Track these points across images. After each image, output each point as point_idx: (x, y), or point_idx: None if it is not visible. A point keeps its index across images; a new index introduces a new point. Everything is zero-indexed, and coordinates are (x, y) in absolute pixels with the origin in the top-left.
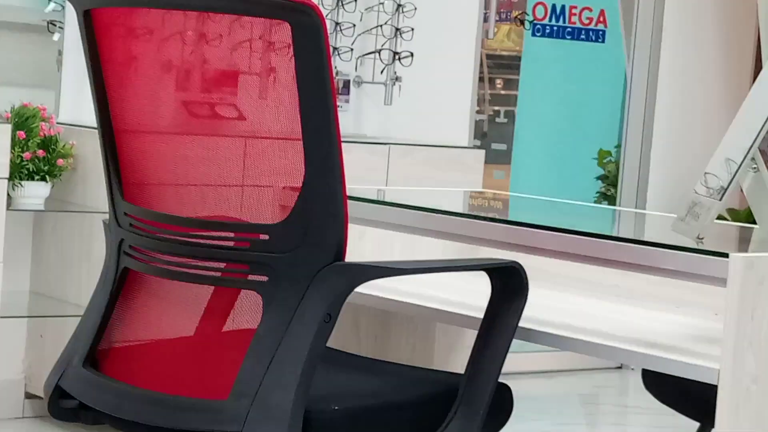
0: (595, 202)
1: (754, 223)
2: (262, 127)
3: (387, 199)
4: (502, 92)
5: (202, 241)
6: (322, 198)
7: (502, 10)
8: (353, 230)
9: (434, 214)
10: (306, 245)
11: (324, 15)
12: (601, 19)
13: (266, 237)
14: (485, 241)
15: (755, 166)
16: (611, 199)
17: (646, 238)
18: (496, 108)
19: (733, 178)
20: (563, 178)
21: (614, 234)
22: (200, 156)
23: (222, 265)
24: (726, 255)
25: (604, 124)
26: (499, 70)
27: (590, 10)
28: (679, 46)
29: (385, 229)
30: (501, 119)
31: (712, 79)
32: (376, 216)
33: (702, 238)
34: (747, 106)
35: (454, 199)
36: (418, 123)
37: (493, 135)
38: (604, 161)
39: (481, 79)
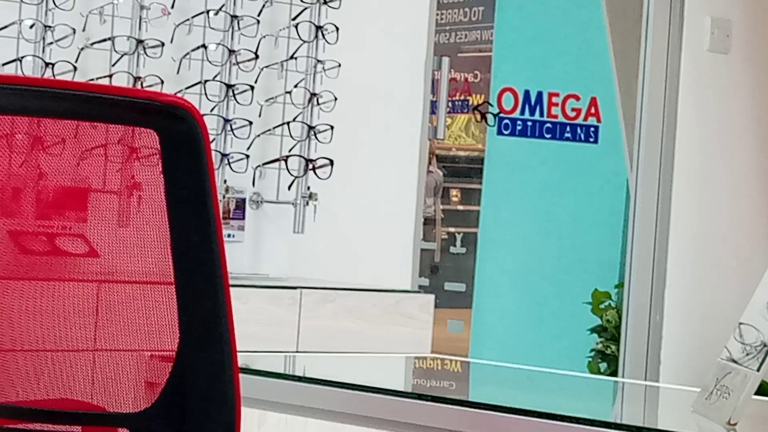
0: (588, 365)
1: None
2: (121, 268)
3: (297, 371)
4: (459, 208)
5: None
6: (205, 371)
7: (456, 98)
8: (249, 416)
9: (363, 393)
10: None
11: (204, 114)
12: (593, 110)
13: None
14: (435, 431)
15: None
16: (611, 360)
17: (659, 425)
18: (451, 230)
19: None
20: (545, 331)
21: (614, 420)
22: (32, 310)
23: None
24: None
25: (601, 255)
26: (454, 177)
27: (577, 98)
28: (701, 147)
29: (295, 414)
30: (458, 248)
31: (748, 192)
32: (282, 396)
33: (734, 424)
34: None
35: (392, 368)
36: (341, 258)
37: (448, 270)
38: (601, 307)
39: (429, 191)
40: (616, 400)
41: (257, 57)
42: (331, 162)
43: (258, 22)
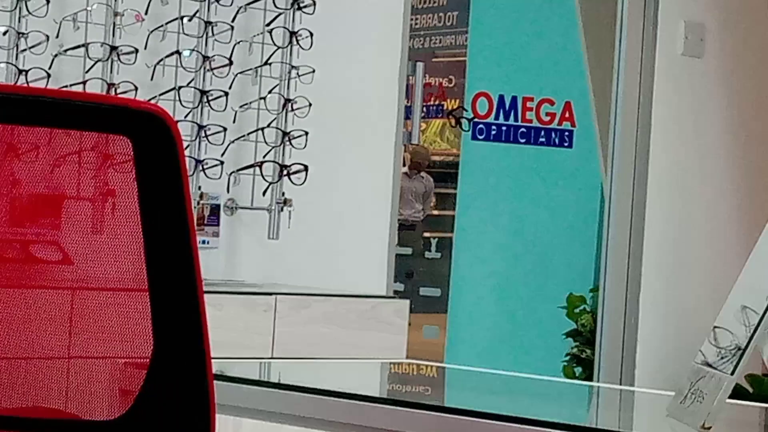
0: (564, 369)
1: None
2: (95, 275)
3: (272, 378)
4: (435, 213)
5: None
6: (179, 377)
7: (431, 103)
8: (224, 423)
9: (338, 399)
10: None
11: (178, 121)
12: (567, 115)
13: None
14: None
15: None
16: (587, 364)
17: (634, 430)
18: (426, 235)
19: (753, 334)
20: (520, 335)
21: (589, 425)
22: (4, 318)
23: None
24: None
25: (575, 259)
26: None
27: (551, 102)
28: (676, 152)
29: (271, 420)
30: (433, 252)
31: (722, 196)
32: (257, 402)
33: (709, 428)
34: None
35: (367, 374)
36: (316, 263)
37: (423, 275)
38: (576, 311)
39: (403, 197)
40: (591, 405)
41: (231, 63)
42: (306, 168)
43: (232, 28)
